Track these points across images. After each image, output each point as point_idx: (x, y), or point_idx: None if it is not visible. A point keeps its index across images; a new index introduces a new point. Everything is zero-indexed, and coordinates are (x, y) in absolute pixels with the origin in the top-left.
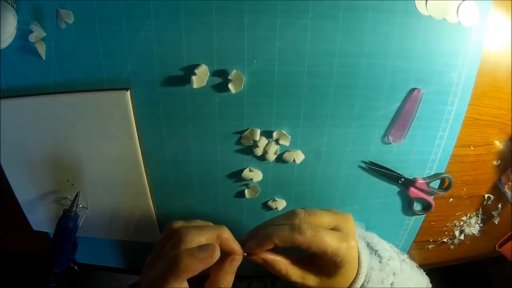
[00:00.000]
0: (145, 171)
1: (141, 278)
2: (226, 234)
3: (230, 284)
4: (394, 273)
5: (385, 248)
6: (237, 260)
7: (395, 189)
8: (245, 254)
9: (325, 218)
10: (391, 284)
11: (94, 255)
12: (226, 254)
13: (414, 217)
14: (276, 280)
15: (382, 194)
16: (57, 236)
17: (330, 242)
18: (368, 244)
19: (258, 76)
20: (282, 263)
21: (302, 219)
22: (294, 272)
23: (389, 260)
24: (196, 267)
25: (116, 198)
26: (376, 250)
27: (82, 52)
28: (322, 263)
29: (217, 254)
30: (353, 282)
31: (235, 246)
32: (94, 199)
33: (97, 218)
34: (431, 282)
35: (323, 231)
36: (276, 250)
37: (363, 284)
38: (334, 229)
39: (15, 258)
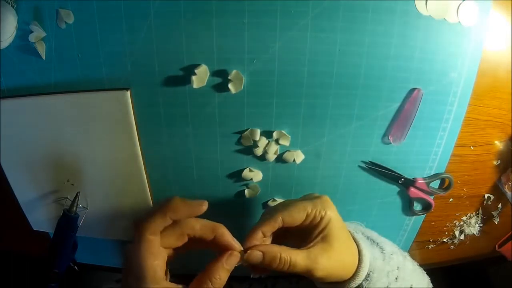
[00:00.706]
0: (145, 171)
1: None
2: (223, 229)
3: (222, 284)
4: (398, 267)
5: (386, 242)
6: (235, 256)
7: (395, 189)
8: (242, 250)
9: (290, 200)
10: (396, 279)
11: (94, 255)
12: (223, 252)
13: (414, 217)
14: (276, 281)
15: (382, 194)
16: (57, 236)
17: (304, 205)
18: (368, 238)
19: (258, 76)
20: (282, 251)
21: (274, 206)
22: (298, 256)
23: (391, 254)
24: (183, 210)
25: (116, 198)
26: (378, 243)
27: (82, 52)
28: (316, 235)
29: (206, 205)
30: (357, 270)
31: (232, 241)
32: (94, 199)
33: (97, 218)
34: (431, 282)
35: (293, 202)
36: None
37: (368, 274)
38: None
39: (15, 258)
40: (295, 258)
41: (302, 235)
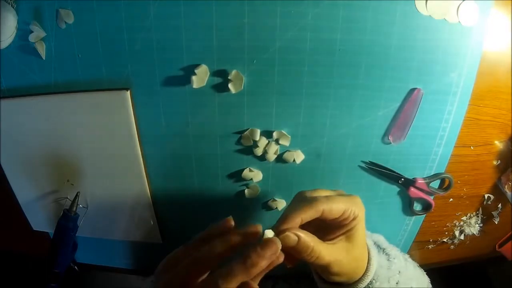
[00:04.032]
0: (145, 171)
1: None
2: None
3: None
4: (399, 272)
5: (390, 247)
6: (274, 243)
7: (395, 189)
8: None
9: (325, 192)
10: (397, 283)
11: (94, 255)
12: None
13: (414, 217)
14: (276, 283)
15: (382, 194)
16: (57, 236)
17: (342, 202)
18: (375, 243)
19: (258, 76)
20: (314, 242)
21: (312, 194)
22: (326, 251)
23: (394, 258)
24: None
25: (116, 198)
26: (384, 249)
27: (82, 52)
28: (340, 233)
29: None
30: (362, 277)
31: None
32: (94, 199)
33: (97, 218)
34: (431, 282)
35: (333, 196)
36: None
37: (371, 281)
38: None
39: (15, 258)
40: (324, 253)
41: (323, 226)
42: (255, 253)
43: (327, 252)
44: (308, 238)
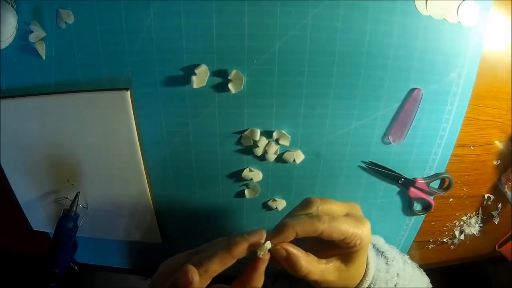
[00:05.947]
0: (145, 171)
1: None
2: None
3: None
4: (398, 274)
5: (389, 249)
6: (260, 233)
7: (395, 189)
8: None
9: (337, 206)
10: (395, 285)
11: (94, 255)
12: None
13: (414, 217)
14: (276, 281)
15: (382, 194)
16: (57, 236)
17: (348, 226)
18: (373, 246)
19: (258, 76)
20: (304, 260)
21: (319, 208)
22: (314, 270)
23: (392, 261)
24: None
25: (116, 198)
26: (383, 252)
27: (82, 52)
28: (338, 252)
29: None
30: (360, 283)
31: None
32: (94, 199)
33: (97, 218)
34: (431, 282)
35: (340, 217)
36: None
37: (369, 285)
38: (346, 215)
39: (15, 258)
40: (313, 273)
41: (320, 240)
42: (240, 235)
43: (318, 271)
44: (299, 256)
